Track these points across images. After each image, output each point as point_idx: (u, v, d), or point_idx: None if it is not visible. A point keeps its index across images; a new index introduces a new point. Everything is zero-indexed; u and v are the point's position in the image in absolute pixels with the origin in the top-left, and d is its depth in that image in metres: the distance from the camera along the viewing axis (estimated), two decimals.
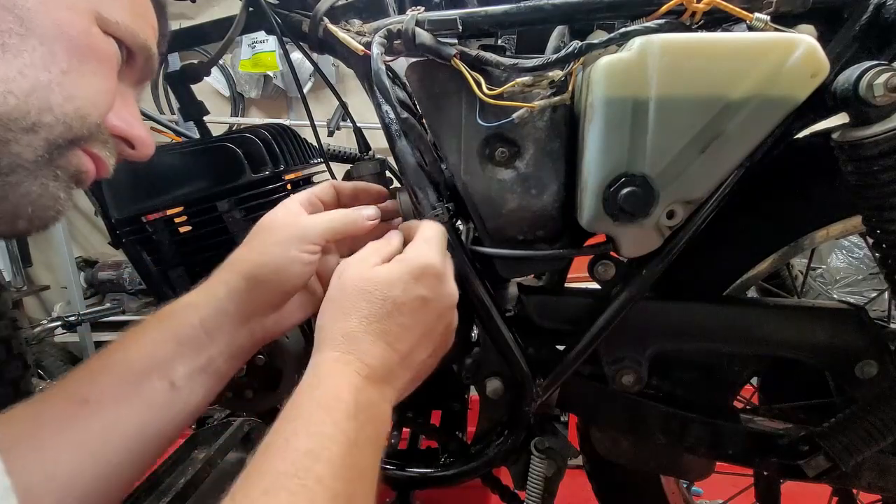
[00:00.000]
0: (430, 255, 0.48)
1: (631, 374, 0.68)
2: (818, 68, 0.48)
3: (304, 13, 0.66)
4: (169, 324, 0.49)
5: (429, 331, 0.48)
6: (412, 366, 0.47)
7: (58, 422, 0.43)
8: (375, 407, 0.43)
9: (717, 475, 0.76)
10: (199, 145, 0.73)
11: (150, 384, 0.47)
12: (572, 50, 0.54)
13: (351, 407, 0.40)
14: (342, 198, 0.60)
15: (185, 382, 0.48)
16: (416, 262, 0.47)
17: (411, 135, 0.61)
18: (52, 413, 0.43)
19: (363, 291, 0.46)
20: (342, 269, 0.48)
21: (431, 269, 0.47)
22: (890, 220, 0.52)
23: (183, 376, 0.48)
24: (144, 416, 0.46)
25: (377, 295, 0.45)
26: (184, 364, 0.48)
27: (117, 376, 0.46)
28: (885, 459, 0.65)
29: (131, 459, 0.46)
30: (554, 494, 0.73)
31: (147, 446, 0.47)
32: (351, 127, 0.84)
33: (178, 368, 0.48)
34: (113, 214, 0.73)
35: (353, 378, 0.43)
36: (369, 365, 0.44)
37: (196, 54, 2.51)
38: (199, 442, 1.37)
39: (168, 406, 0.47)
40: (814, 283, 2.31)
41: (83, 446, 0.43)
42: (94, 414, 0.44)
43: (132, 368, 0.47)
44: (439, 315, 0.48)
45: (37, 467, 0.41)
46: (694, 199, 0.55)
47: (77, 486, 0.42)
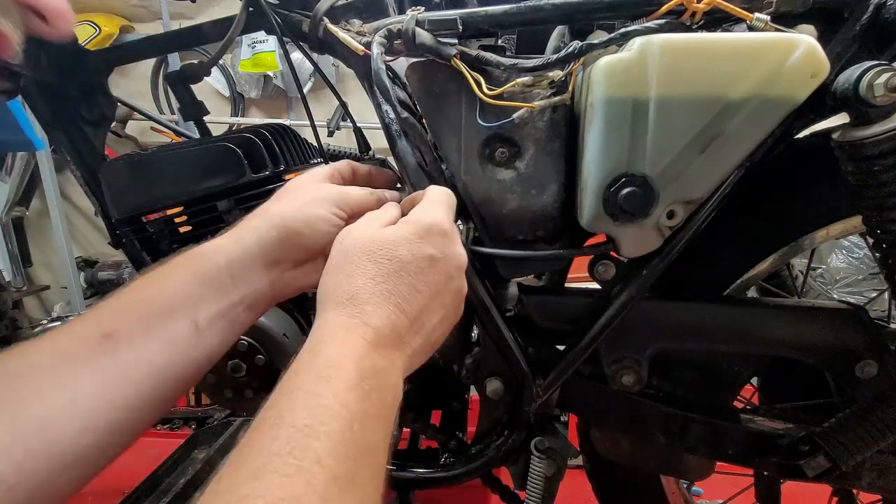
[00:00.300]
0: (436, 214, 0.47)
1: (631, 374, 0.68)
2: (818, 68, 0.48)
3: (304, 13, 0.66)
4: (196, 265, 0.48)
5: (438, 292, 0.46)
6: (422, 330, 0.45)
7: (80, 354, 0.41)
8: (382, 375, 0.40)
9: (717, 475, 0.76)
10: (199, 145, 0.73)
11: (173, 323, 0.45)
12: (572, 50, 0.54)
13: (353, 376, 0.37)
14: (357, 178, 0.61)
15: (207, 325, 0.47)
16: (421, 222, 0.46)
17: (411, 135, 0.61)
18: (74, 345, 0.42)
19: (367, 252, 0.44)
20: (344, 235, 0.47)
21: (437, 227, 0.46)
22: (890, 219, 0.52)
23: (206, 318, 0.46)
24: (166, 355, 0.44)
25: (382, 254, 0.44)
26: (208, 306, 0.47)
27: (142, 312, 0.44)
28: (886, 459, 0.65)
29: (152, 398, 0.44)
30: (554, 494, 0.73)
31: (166, 387, 0.45)
32: (351, 127, 0.84)
33: (202, 309, 0.46)
34: (113, 214, 0.73)
35: (357, 343, 0.40)
36: (375, 328, 0.41)
37: (196, 54, 2.51)
38: (199, 442, 1.38)
39: (190, 347, 0.46)
40: (814, 283, 2.32)
41: (105, 380, 0.41)
42: (118, 348, 0.42)
43: (157, 305, 0.45)
44: (449, 276, 0.47)
45: (56, 396, 0.39)
46: (694, 199, 0.55)
47: (98, 419, 0.40)
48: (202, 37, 0.73)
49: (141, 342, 0.43)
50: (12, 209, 2.78)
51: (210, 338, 0.47)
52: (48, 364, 0.40)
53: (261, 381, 0.71)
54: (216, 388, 0.72)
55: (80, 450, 0.39)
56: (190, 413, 1.81)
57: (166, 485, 1.20)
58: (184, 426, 1.74)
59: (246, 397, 0.72)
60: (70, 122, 0.73)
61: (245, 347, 0.68)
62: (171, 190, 0.71)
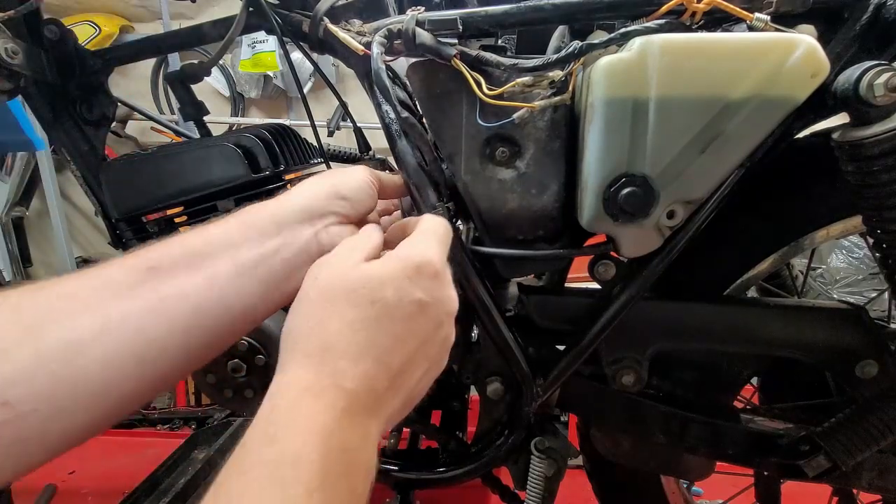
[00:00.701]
0: (428, 251, 0.42)
1: (631, 374, 0.68)
2: (818, 68, 0.48)
3: (305, 13, 0.66)
4: (242, 215, 0.47)
5: (425, 342, 0.41)
6: (403, 388, 0.40)
7: (122, 282, 0.39)
8: (354, 454, 0.34)
9: (717, 475, 0.76)
10: (199, 145, 0.73)
11: (214, 261, 0.42)
12: (572, 50, 0.54)
13: (316, 469, 0.32)
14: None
15: (248, 268, 0.43)
16: (411, 259, 0.41)
17: (411, 135, 0.61)
18: (119, 273, 0.40)
19: (347, 290, 0.38)
20: (319, 267, 0.42)
21: (428, 266, 0.41)
22: (890, 219, 0.52)
23: (247, 261, 0.43)
24: (204, 291, 0.41)
25: (364, 295, 0.38)
26: (249, 248, 0.44)
27: (187, 249, 0.43)
28: (886, 459, 0.65)
29: (184, 338, 0.41)
30: (554, 494, 0.73)
31: (200, 329, 0.41)
32: (351, 127, 0.84)
33: (244, 251, 0.44)
34: (113, 214, 0.73)
35: (326, 416, 0.34)
36: (350, 391, 0.36)
37: (196, 54, 2.51)
38: (199, 442, 1.38)
39: (228, 288, 0.42)
40: (814, 283, 2.32)
41: (139, 307, 0.39)
42: (158, 279, 0.40)
43: (202, 245, 0.43)
44: (438, 323, 0.42)
45: (88, 320, 0.37)
46: (694, 199, 0.55)
47: (127, 349, 0.38)
48: (202, 37, 0.72)
49: (182, 276, 0.41)
50: (12, 209, 2.78)
51: (249, 283, 0.43)
52: (88, 289, 0.38)
53: (261, 381, 0.71)
54: (216, 388, 0.72)
55: (105, 383, 0.37)
56: (190, 413, 1.81)
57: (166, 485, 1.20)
58: (184, 426, 1.74)
59: (246, 397, 0.72)
60: (70, 122, 0.73)
61: (245, 347, 0.68)
62: (171, 190, 0.71)
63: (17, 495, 1.24)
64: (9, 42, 0.64)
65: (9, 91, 0.67)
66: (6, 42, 0.64)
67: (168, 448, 1.33)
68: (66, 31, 0.71)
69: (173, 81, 0.78)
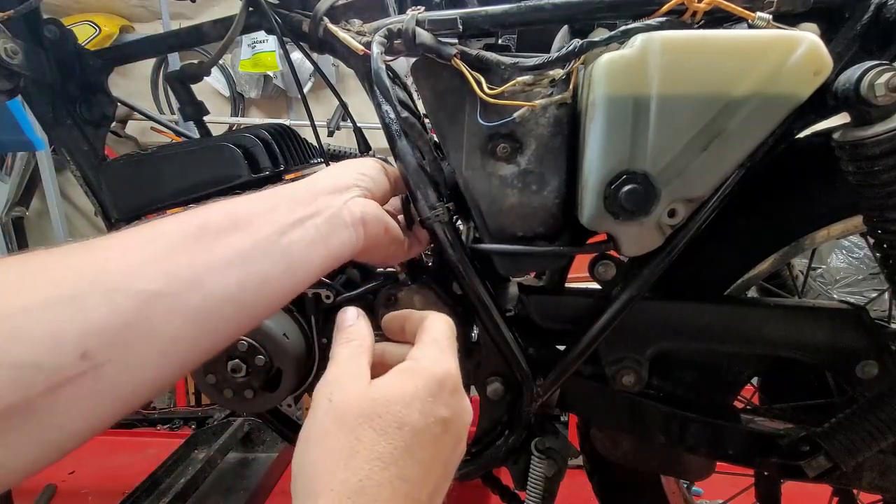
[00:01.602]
0: (447, 363, 0.40)
1: (631, 374, 0.68)
2: (821, 66, 0.48)
3: (304, 13, 0.66)
4: (272, 190, 0.48)
5: (447, 464, 0.38)
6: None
7: (178, 234, 0.38)
8: None
9: (717, 475, 0.76)
10: (199, 145, 0.73)
11: (257, 223, 0.42)
12: (573, 48, 0.54)
13: None
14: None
15: (288, 230, 0.43)
16: (433, 374, 0.38)
17: (412, 134, 0.61)
18: (169, 229, 0.39)
19: (369, 417, 0.35)
20: (327, 389, 0.38)
21: (451, 379, 0.39)
22: (891, 220, 0.52)
23: (286, 223, 0.43)
24: (257, 248, 0.41)
25: (390, 421, 0.35)
26: (287, 212, 0.44)
27: (230, 210, 0.42)
28: (886, 459, 0.65)
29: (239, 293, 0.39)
30: (554, 494, 0.73)
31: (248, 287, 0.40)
32: (351, 127, 0.84)
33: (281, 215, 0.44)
34: (113, 214, 0.73)
35: None
36: None
37: (196, 54, 2.52)
38: (199, 442, 1.38)
39: (274, 246, 0.42)
40: (814, 283, 2.32)
41: (205, 263, 0.38)
42: (210, 237, 0.39)
43: (243, 209, 0.43)
44: (458, 439, 0.39)
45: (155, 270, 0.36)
46: (695, 197, 0.55)
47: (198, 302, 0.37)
48: (202, 37, 0.72)
49: (231, 235, 0.40)
50: (12, 209, 2.78)
51: (290, 244, 0.43)
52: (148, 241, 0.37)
53: (261, 382, 0.71)
54: (216, 388, 0.72)
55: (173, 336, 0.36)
56: (190, 413, 1.81)
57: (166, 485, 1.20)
58: (184, 426, 1.74)
59: (246, 397, 0.72)
60: (70, 122, 0.73)
61: (245, 347, 0.68)
62: (171, 190, 0.71)
63: (17, 495, 1.24)
64: (8, 42, 0.64)
65: (9, 91, 0.67)
66: (6, 42, 0.64)
67: (168, 448, 1.33)
68: (65, 30, 0.71)
69: (173, 81, 0.78)
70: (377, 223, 0.51)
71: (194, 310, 0.36)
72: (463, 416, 0.40)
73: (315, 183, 0.50)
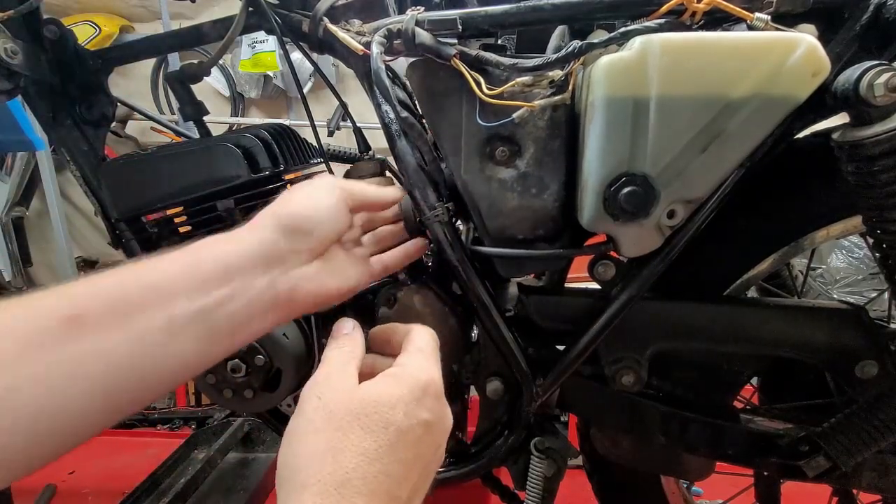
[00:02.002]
0: (431, 369, 0.42)
1: (631, 374, 0.68)
2: (819, 67, 0.48)
3: (304, 13, 0.66)
4: (187, 257, 0.42)
5: (427, 465, 0.40)
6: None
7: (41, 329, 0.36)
8: None
9: (717, 475, 0.76)
10: (198, 145, 0.73)
11: (145, 316, 0.39)
12: (572, 49, 0.54)
13: None
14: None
15: (184, 324, 0.40)
16: (418, 379, 0.40)
17: (411, 134, 0.61)
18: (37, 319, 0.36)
19: (358, 416, 0.37)
20: (317, 388, 0.39)
21: (434, 385, 0.41)
22: (890, 220, 0.52)
23: (183, 316, 0.40)
24: (130, 350, 0.38)
25: (376, 420, 0.37)
26: (188, 302, 0.40)
27: (115, 298, 0.39)
28: (886, 459, 0.65)
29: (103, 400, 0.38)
30: (554, 494, 0.73)
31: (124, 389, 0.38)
32: (351, 127, 0.84)
33: (181, 304, 0.40)
34: (113, 214, 0.73)
35: None
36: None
37: (196, 54, 2.51)
38: (199, 442, 1.38)
39: (159, 347, 0.39)
40: (814, 283, 2.31)
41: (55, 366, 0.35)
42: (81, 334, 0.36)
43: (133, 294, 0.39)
44: (438, 444, 0.42)
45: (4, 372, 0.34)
46: (694, 198, 0.55)
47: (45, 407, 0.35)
48: (202, 37, 0.73)
49: (106, 331, 0.37)
50: (12, 209, 2.78)
51: (184, 341, 0.40)
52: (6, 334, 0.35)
53: (261, 382, 0.71)
54: (216, 388, 0.72)
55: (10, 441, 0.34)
56: (190, 413, 1.81)
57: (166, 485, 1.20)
58: (184, 426, 1.74)
59: (246, 397, 0.72)
60: (70, 122, 0.73)
61: (245, 347, 0.68)
62: (171, 190, 0.71)
63: (17, 495, 1.24)
64: (8, 42, 0.64)
65: (8, 91, 0.67)
66: (6, 42, 0.64)
67: (168, 448, 1.33)
68: (65, 31, 0.71)
69: (173, 81, 0.78)
70: (312, 297, 0.47)
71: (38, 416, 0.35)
72: (444, 421, 0.42)
73: (232, 251, 0.43)
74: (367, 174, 0.71)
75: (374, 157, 0.80)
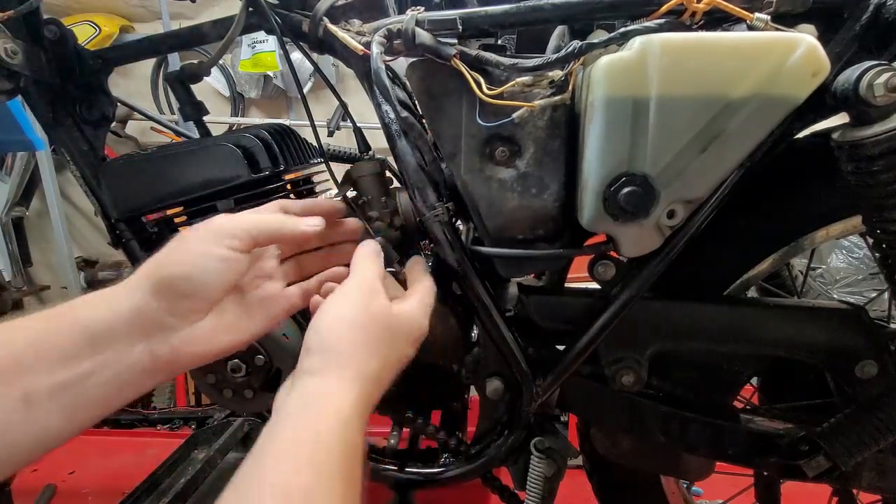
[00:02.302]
0: (425, 321, 0.52)
1: (631, 374, 0.68)
2: (819, 67, 0.48)
3: (304, 13, 0.66)
4: (48, 324, 0.41)
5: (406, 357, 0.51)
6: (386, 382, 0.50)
7: None
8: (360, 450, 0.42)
9: (717, 475, 0.76)
10: (198, 145, 0.73)
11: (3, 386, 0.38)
12: (572, 49, 0.54)
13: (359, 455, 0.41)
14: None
15: (44, 399, 0.38)
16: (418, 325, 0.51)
17: (411, 134, 0.61)
18: None
19: (389, 329, 0.47)
20: (371, 296, 0.47)
21: (421, 333, 0.51)
22: (890, 220, 0.52)
23: (43, 390, 0.38)
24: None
25: (399, 339, 0.48)
26: (49, 375, 0.38)
27: None
28: (886, 459, 0.65)
29: None
30: (554, 494, 0.73)
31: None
32: (351, 127, 0.84)
33: (40, 379, 0.38)
34: (113, 214, 0.73)
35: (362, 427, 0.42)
36: (371, 407, 0.45)
37: (196, 54, 2.51)
38: (199, 442, 1.38)
39: (14, 423, 0.38)
40: (814, 283, 2.31)
41: None
42: None
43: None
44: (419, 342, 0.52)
45: None
46: (694, 198, 0.55)
47: None
48: (202, 37, 0.73)
49: None
50: (12, 209, 2.78)
51: (45, 415, 0.38)
52: None
53: (261, 381, 0.71)
54: (216, 388, 0.72)
55: None
56: (190, 413, 1.81)
57: (166, 485, 1.19)
58: (184, 426, 1.74)
59: (246, 397, 0.72)
60: (70, 122, 0.73)
61: (245, 347, 0.68)
62: (171, 190, 0.71)
63: (17, 495, 1.24)
64: (8, 42, 0.64)
65: (8, 91, 0.67)
66: (6, 42, 0.64)
67: (168, 448, 1.33)
68: (65, 30, 0.71)
69: (173, 81, 0.78)
70: (199, 358, 0.45)
71: None
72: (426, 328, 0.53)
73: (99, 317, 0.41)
74: (367, 174, 0.71)
75: (374, 157, 0.80)
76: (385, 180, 0.73)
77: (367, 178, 0.70)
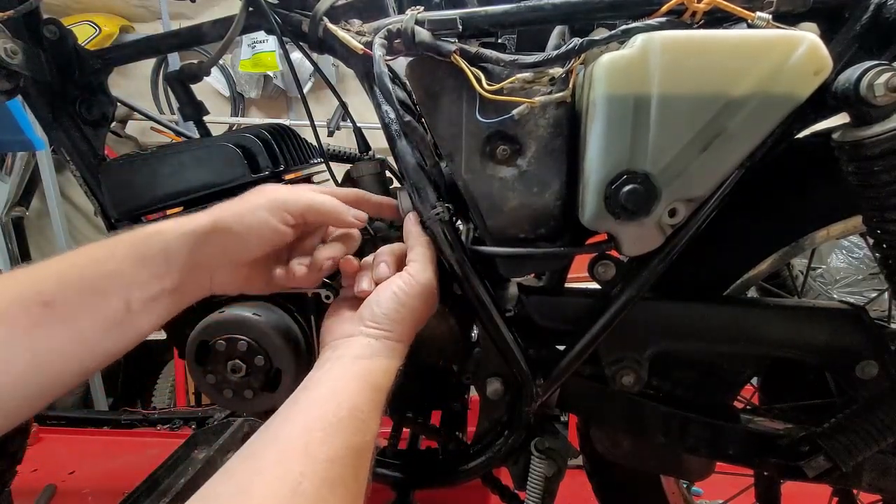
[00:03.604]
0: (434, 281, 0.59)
1: (631, 374, 0.68)
2: (821, 65, 0.48)
3: (304, 13, 0.66)
4: (136, 248, 0.48)
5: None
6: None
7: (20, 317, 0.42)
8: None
9: (717, 475, 0.76)
10: (198, 145, 0.73)
11: (107, 301, 0.46)
12: (573, 46, 0.54)
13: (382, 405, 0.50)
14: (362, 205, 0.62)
15: (140, 308, 0.47)
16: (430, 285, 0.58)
17: (411, 135, 0.61)
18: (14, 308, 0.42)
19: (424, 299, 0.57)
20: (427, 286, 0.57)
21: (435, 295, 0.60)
22: (891, 220, 0.52)
23: (139, 300, 0.47)
24: (98, 331, 0.45)
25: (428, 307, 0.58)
26: (141, 289, 0.47)
27: (81, 286, 0.45)
28: (886, 460, 0.65)
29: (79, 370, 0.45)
30: (554, 495, 0.73)
31: (93, 360, 0.46)
32: (351, 127, 0.84)
33: (136, 292, 0.47)
34: (112, 214, 0.73)
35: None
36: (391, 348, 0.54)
37: (196, 54, 2.51)
38: (199, 442, 1.38)
39: (120, 326, 0.47)
40: (814, 283, 2.31)
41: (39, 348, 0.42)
42: (55, 318, 0.43)
43: (95, 282, 0.46)
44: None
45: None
46: (696, 197, 0.55)
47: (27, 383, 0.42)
48: (202, 37, 0.72)
49: (76, 316, 0.44)
50: (12, 209, 2.77)
51: (140, 320, 0.48)
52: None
53: (261, 382, 0.71)
54: (216, 388, 0.72)
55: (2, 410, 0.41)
56: (190, 413, 1.80)
57: (166, 485, 1.19)
58: (184, 426, 1.74)
59: (246, 397, 0.72)
60: (70, 122, 0.73)
61: (245, 347, 0.68)
62: (171, 190, 0.71)
63: (17, 495, 1.24)
64: (8, 42, 0.64)
65: (8, 91, 0.67)
66: (6, 42, 0.64)
67: (168, 448, 1.33)
68: (65, 30, 0.71)
69: (173, 81, 0.78)
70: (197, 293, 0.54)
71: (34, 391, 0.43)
72: None
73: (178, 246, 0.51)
74: (367, 174, 0.71)
75: (374, 157, 0.80)
76: (385, 180, 0.73)
77: (367, 178, 0.70)
